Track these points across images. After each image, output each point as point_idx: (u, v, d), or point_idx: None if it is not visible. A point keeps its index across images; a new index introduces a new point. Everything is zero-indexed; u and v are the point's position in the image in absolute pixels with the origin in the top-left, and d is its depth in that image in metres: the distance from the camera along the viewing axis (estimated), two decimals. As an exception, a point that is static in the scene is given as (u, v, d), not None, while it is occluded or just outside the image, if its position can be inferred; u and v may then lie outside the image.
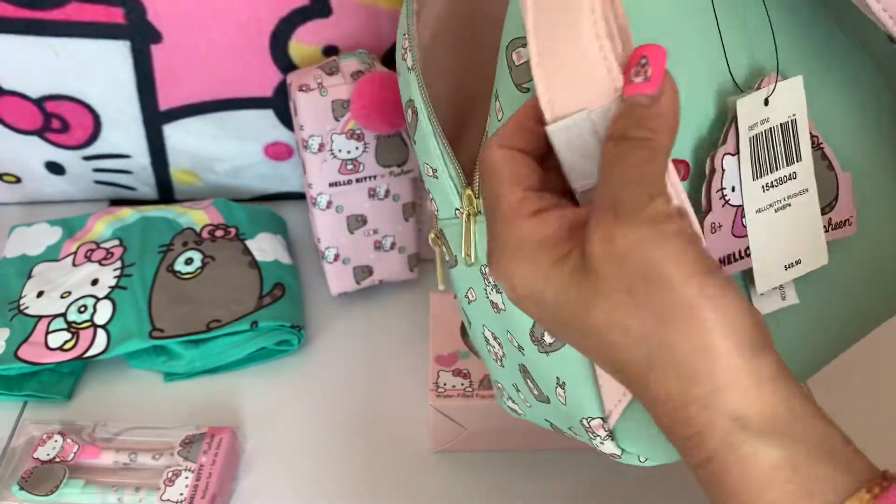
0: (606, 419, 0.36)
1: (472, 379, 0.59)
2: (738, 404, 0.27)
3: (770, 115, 0.31)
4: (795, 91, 0.32)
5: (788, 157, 0.32)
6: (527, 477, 0.60)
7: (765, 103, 0.31)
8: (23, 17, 0.67)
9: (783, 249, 0.33)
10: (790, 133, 0.32)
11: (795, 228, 0.33)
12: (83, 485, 0.58)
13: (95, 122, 0.75)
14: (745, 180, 0.32)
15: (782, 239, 0.33)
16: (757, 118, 0.32)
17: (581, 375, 0.36)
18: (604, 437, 0.37)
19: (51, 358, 0.64)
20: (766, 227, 0.32)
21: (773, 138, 0.32)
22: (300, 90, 0.64)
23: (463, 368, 0.60)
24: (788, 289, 0.33)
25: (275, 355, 0.68)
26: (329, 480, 0.60)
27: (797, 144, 0.32)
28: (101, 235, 0.73)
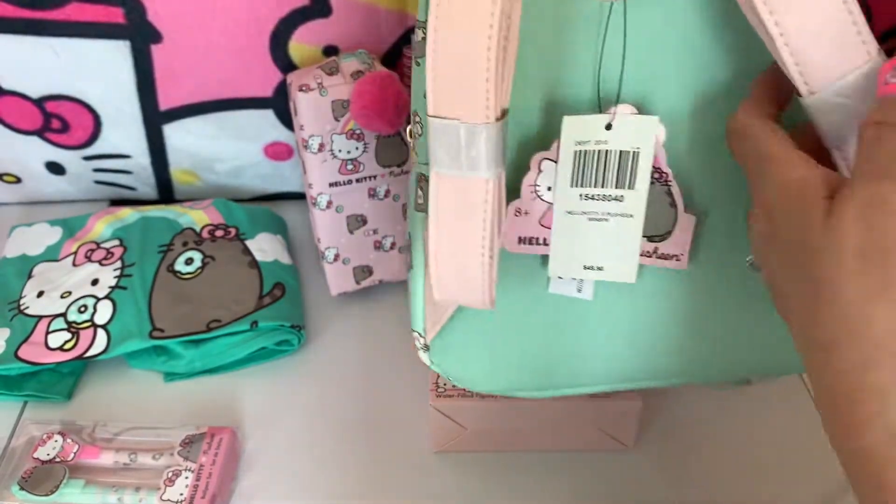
0: (424, 335, 0.42)
1: (472, 379, 0.59)
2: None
3: (610, 140, 0.34)
4: (646, 127, 0.34)
5: (620, 182, 0.35)
6: (527, 477, 0.60)
7: (607, 128, 0.34)
8: (23, 17, 0.67)
9: (587, 252, 0.37)
10: (628, 162, 0.35)
11: (607, 241, 0.36)
12: (83, 485, 0.58)
13: (95, 122, 0.75)
14: (560, 184, 0.35)
15: (588, 243, 0.36)
16: (591, 137, 0.35)
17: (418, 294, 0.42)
18: (421, 347, 0.43)
19: (51, 358, 0.64)
20: (571, 227, 0.36)
21: (607, 160, 0.35)
22: (300, 90, 0.64)
23: (463, 368, 0.60)
24: (586, 285, 0.38)
25: (275, 355, 0.68)
26: (329, 480, 0.60)
27: (633, 174, 0.35)
28: (101, 235, 0.73)
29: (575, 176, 0.36)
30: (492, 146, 0.34)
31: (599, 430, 0.60)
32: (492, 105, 0.33)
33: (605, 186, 0.36)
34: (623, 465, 0.61)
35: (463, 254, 0.36)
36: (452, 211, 0.35)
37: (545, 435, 0.60)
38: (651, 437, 0.62)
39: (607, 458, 0.61)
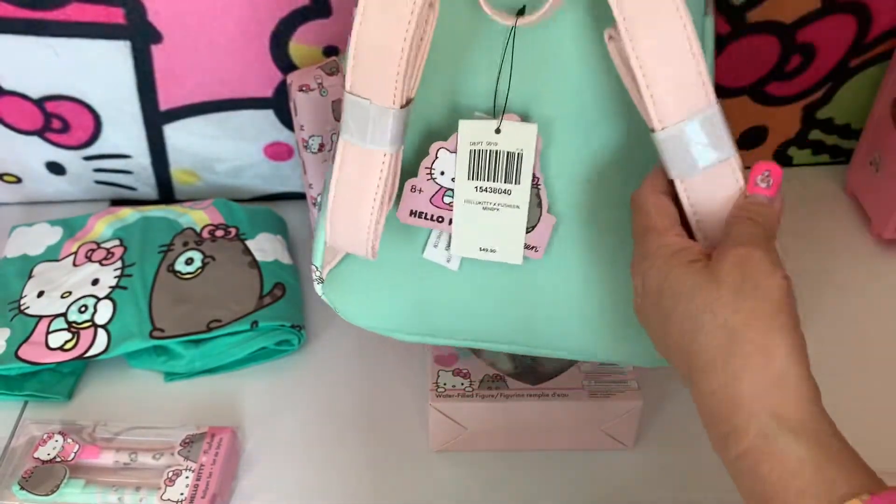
0: (320, 269, 0.49)
1: (472, 379, 0.59)
2: (779, 404, 0.34)
3: (499, 142, 0.42)
4: (528, 134, 0.41)
5: (508, 178, 0.42)
6: (527, 477, 0.60)
7: (497, 131, 0.42)
8: (23, 18, 0.67)
9: (482, 236, 0.44)
10: (514, 162, 0.42)
11: (497, 227, 0.43)
12: (84, 484, 0.58)
13: (96, 122, 0.75)
14: (458, 176, 0.43)
15: (482, 228, 0.44)
16: (484, 138, 0.42)
17: (320, 234, 0.48)
18: (316, 279, 0.50)
19: (51, 358, 0.64)
20: (469, 214, 0.44)
21: (497, 159, 0.42)
22: (300, 90, 0.64)
23: (463, 368, 0.60)
24: (454, 259, 0.45)
25: (275, 355, 0.68)
26: (329, 480, 0.60)
27: (518, 172, 0.42)
28: (101, 235, 0.73)
29: (471, 170, 0.43)
30: (394, 126, 0.40)
31: (599, 430, 0.60)
32: (398, 94, 0.39)
33: (496, 181, 0.43)
34: (623, 465, 0.61)
35: (355, 212, 0.43)
36: (352, 176, 0.42)
37: (545, 435, 0.60)
38: (651, 437, 0.62)
39: (607, 458, 0.61)
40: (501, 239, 0.44)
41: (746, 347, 0.34)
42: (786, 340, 0.34)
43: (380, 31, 0.39)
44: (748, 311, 0.34)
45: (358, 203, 0.43)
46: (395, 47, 0.39)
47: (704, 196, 0.40)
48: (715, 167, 0.40)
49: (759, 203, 0.39)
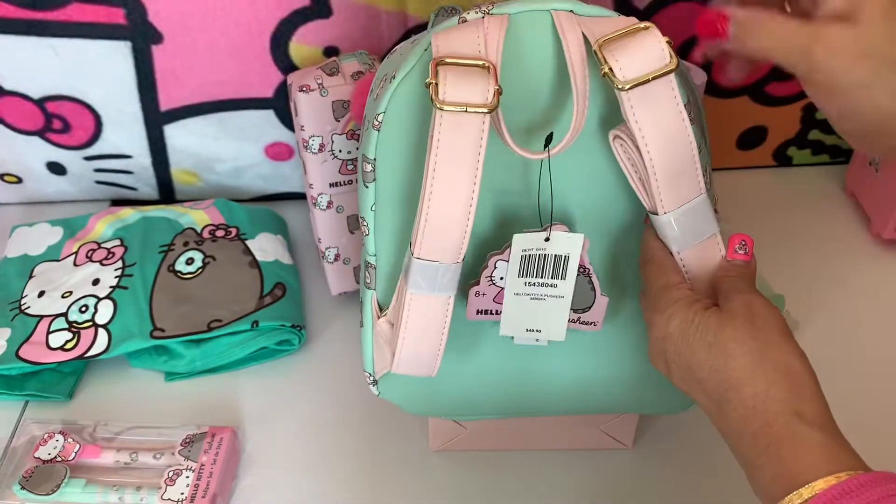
0: (373, 374, 0.55)
1: (472, 379, 0.59)
2: (799, 403, 0.42)
3: (548, 248, 0.48)
4: (574, 241, 0.48)
5: (555, 275, 0.48)
6: (526, 477, 0.60)
7: (546, 240, 0.48)
8: (24, 18, 0.67)
9: (528, 320, 0.50)
10: (561, 263, 0.48)
11: (543, 313, 0.50)
12: (84, 484, 0.58)
13: (96, 122, 0.75)
14: (510, 275, 0.49)
15: (529, 314, 0.50)
16: (534, 245, 0.48)
17: (367, 345, 0.54)
18: (370, 382, 0.55)
19: (52, 358, 0.64)
20: (518, 303, 0.49)
21: (545, 261, 0.48)
22: (301, 91, 0.64)
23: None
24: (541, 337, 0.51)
25: (275, 355, 0.69)
26: (329, 480, 0.60)
27: (564, 270, 0.48)
28: (102, 235, 0.74)
29: (521, 270, 0.48)
30: (456, 276, 0.47)
31: (599, 430, 0.60)
32: (463, 252, 0.46)
33: (544, 277, 0.49)
34: (623, 465, 0.61)
35: (423, 348, 0.49)
36: (421, 322, 0.48)
37: (545, 435, 0.61)
38: (651, 437, 0.62)
39: (607, 458, 0.61)
40: (546, 322, 0.50)
41: (769, 364, 0.42)
42: (798, 356, 0.43)
43: (447, 208, 0.44)
44: (763, 339, 0.43)
45: (426, 341, 0.49)
46: (461, 218, 0.45)
47: (696, 262, 0.47)
48: (705, 240, 0.47)
49: (740, 266, 0.47)
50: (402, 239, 0.50)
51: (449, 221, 0.45)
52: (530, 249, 0.48)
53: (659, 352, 0.47)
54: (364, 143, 0.49)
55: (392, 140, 0.47)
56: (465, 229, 0.45)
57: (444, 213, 0.44)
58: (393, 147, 0.47)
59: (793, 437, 0.41)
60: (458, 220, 0.45)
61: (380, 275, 0.51)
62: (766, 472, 0.41)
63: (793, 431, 0.41)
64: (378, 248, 0.51)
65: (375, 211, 0.50)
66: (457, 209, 0.44)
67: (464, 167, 0.43)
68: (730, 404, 0.43)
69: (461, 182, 0.44)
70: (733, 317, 0.44)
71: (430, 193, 0.44)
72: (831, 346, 0.68)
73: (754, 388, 0.42)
